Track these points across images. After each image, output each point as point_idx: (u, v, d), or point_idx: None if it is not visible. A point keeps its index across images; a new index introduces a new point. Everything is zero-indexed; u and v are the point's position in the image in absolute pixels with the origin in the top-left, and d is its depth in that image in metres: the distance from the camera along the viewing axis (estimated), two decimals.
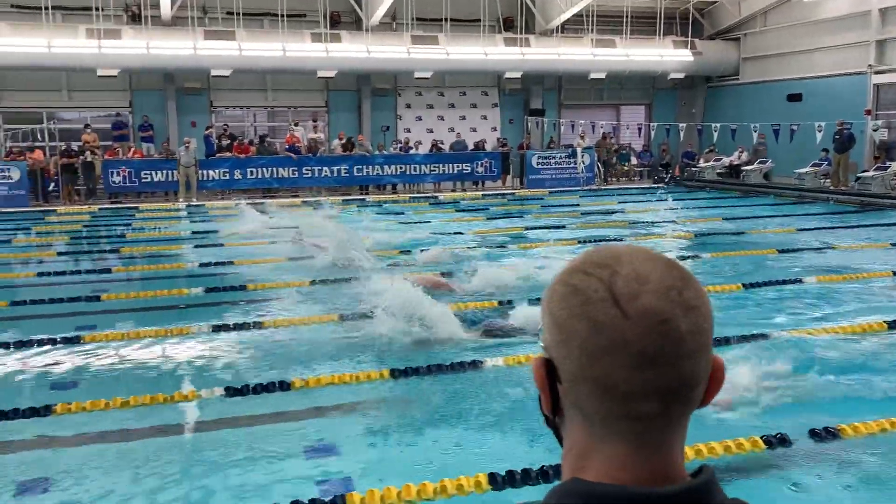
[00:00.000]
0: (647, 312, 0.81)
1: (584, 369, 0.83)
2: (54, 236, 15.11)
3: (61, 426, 5.02)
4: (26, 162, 20.16)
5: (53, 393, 5.67)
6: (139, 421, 5.17)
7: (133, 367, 6.34)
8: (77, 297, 8.83)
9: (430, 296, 7.42)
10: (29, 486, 4.33)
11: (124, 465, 4.56)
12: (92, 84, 22.67)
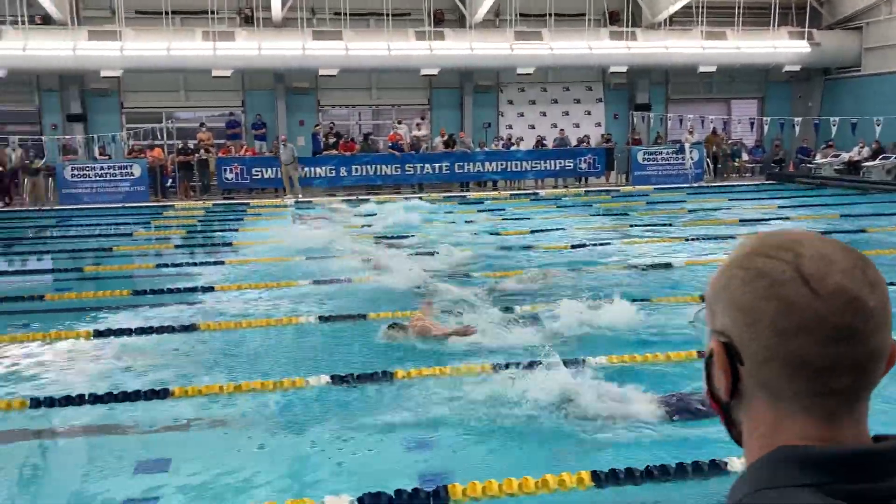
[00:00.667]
0: (838, 291, 0.84)
1: (775, 348, 0.85)
2: (171, 230, 15.85)
3: (179, 408, 5.23)
4: (146, 159, 21.25)
5: (173, 377, 5.90)
6: (242, 403, 5.32)
7: (245, 352, 6.54)
8: (194, 287, 9.20)
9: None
10: (148, 466, 4.51)
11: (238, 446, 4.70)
12: (207, 85, 23.68)
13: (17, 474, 4.41)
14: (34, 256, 12.84)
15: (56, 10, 21.73)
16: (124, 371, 6.06)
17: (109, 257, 11.79)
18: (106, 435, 4.99)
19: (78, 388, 5.45)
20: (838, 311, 0.84)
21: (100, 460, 4.64)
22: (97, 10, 23.32)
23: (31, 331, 7.31)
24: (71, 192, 20.24)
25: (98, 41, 21.45)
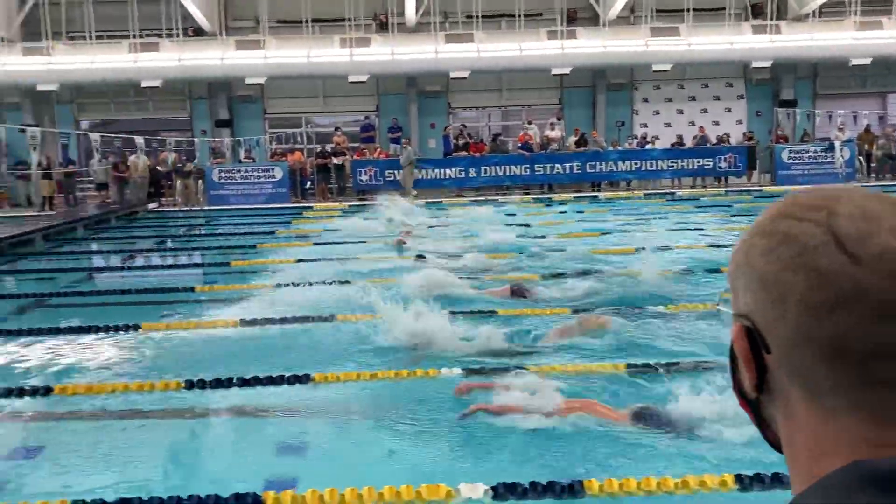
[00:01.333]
0: (885, 254, 0.66)
1: (807, 330, 0.68)
2: (310, 229, 16.42)
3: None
4: (287, 162, 22.20)
5: (313, 363, 6.08)
6: (378, 390, 5.41)
7: (379, 341, 6.65)
8: (332, 281, 9.47)
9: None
10: (288, 448, 4.67)
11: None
12: (343, 90, 24.49)
13: (172, 450, 4.66)
14: (186, 252, 13.66)
15: (207, 22, 23.12)
16: (268, 357, 6.32)
17: (254, 253, 12.38)
18: (251, 417, 5.19)
19: (226, 372, 5.71)
20: (885, 281, 0.66)
21: (244, 440, 4.84)
22: (243, 21, 24.62)
23: (183, 319, 7.76)
24: (219, 194, 21.42)
25: (244, 50, 22.65)
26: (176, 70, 22.63)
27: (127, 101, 25.16)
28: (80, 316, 7.94)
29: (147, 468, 4.30)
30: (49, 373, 5.99)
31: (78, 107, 25.04)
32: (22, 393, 5.40)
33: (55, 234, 15.39)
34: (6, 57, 22.39)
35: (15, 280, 10.88)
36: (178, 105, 25.43)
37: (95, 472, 4.25)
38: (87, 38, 23.28)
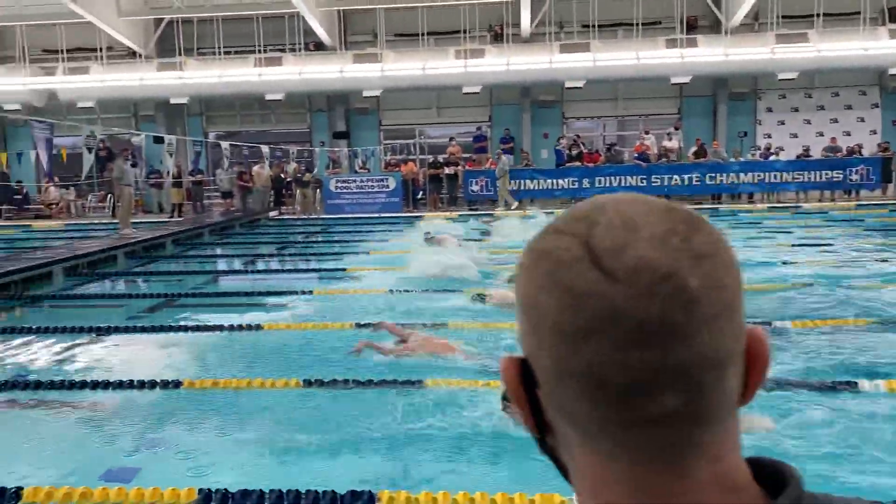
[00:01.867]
0: (640, 268, 0.56)
1: (564, 361, 0.58)
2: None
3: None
4: (401, 172, 22.56)
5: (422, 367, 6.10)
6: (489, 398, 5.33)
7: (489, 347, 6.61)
8: (444, 290, 9.52)
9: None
10: (403, 441, 4.66)
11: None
12: (457, 101, 24.70)
13: (292, 446, 4.73)
14: (305, 257, 14.03)
15: (327, 36, 23.85)
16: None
17: (367, 261, 12.60)
18: (366, 417, 5.23)
19: (342, 373, 5.80)
20: (640, 299, 0.56)
21: (361, 439, 4.86)
22: (362, 35, 25.26)
23: (301, 320, 7.96)
24: (335, 203, 22.00)
25: (362, 63, 23.21)
26: (297, 83, 23.46)
27: (252, 113, 26.28)
28: (206, 315, 8.28)
29: (268, 463, 4.39)
30: (177, 367, 6.25)
31: (207, 119, 26.34)
32: (154, 385, 5.66)
33: (184, 239, 16.21)
34: (143, 72, 23.86)
35: (147, 280, 11.49)
36: (298, 117, 26.35)
37: (220, 463, 4.38)
38: (216, 53, 24.50)
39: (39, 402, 5.61)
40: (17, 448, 4.74)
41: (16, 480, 3.99)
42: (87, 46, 25.15)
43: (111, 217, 21.84)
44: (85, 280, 11.53)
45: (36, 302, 9.86)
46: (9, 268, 10.72)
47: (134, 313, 8.80)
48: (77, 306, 10.01)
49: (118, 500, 3.81)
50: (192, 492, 3.81)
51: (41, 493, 3.87)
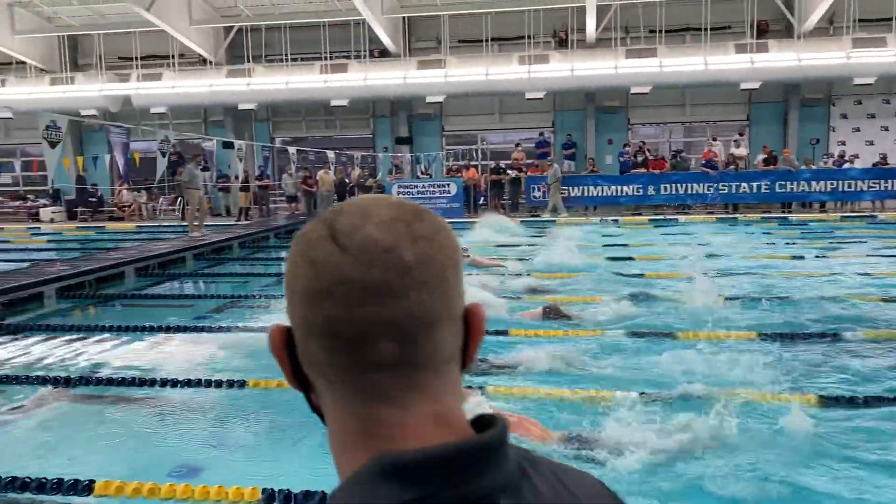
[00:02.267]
0: (367, 243, 0.72)
1: (310, 320, 0.74)
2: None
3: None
4: (462, 178, 22.57)
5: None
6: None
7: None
8: (513, 295, 9.46)
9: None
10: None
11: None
12: (520, 107, 24.64)
13: None
14: None
15: (392, 43, 24.06)
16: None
17: None
18: None
19: None
20: (364, 266, 0.71)
21: None
22: (426, 42, 25.40)
23: None
24: None
25: (425, 69, 23.34)
26: (361, 89, 23.74)
27: (317, 119, 26.68)
28: (270, 316, 8.41)
29: (332, 465, 4.40)
30: (241, 367, 6.34)
31: (273, 125, 26.84)
32: (220, 384, 5.75)
33: (250, 242, 16.54)
34: (213, 78, 24.47)
35: (214, 282, 11.74)
36: (362, 123, 26.63)
37: (284, 463, 4.41)
38: (283, 60, 24.97)
39: (111, 398, 5.77)
40: (90, 442, 4.87)
41: (89, 474, 4.10)
42: (160, 54, 25.94)
43: (180, 220, 22.44)
44: (155, 280, 11.86)
45: (109, 301, 10.16)
46: (84, 267, 11.11)
47: (201, 313, 9.00)
48: (147, 305, 10.28)
49: (185, 496, 3.88)
50: (256, 491, 3.85)
51: (112, 487, 3.96)
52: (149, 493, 3.90)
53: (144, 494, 3.90)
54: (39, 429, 5.12)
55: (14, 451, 4.77)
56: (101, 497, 3.92)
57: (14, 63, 25.88)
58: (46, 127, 10.21)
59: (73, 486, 4.01)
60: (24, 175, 28.23)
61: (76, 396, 5.84)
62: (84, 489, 3.98)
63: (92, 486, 3.99)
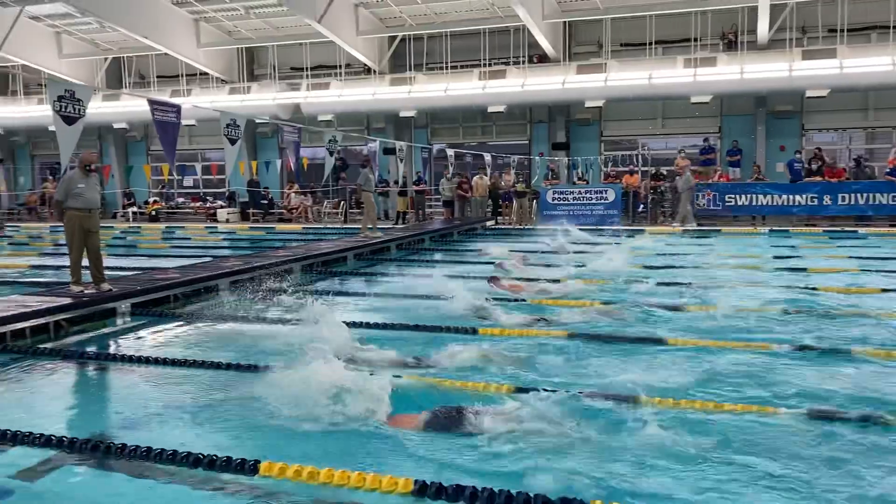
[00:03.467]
0: None
1: None
2: (640, 251, 15.98)
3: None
4: (621, 184, 22.01)
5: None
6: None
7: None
8: (668, 304, 9.07)
9: None
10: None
11: None
12: (683, 111, 23.74)
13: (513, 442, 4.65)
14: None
15: (552, 48, 23.90)
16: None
17: (584, 273, 12.38)
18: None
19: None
20: None
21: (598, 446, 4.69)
22: (587, 46, 25.04)
23: (515, 327, 7.93)
24: (550, 214, 21.92)
25: (585, 74, 22.99)
26: (519, 95, 23.74)
27: (474, 125, 26.96)
28: (428, 315, 8.54)
29: (483, 460, 4.34)
30: (407, 362, 6.43)
31: (432, 131, 27.39)
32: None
33: (406, 244, 16.92)
34: (376, 87, 25.32)
35: (372, 280, 12.04)
36: (518, 129, 26.62)
37: (439, 458, 4.40)
38: (443, 68, 25.43)
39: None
40: (255, 425, 5.08)
41: (252, 454, 4.28)
42: (328, 64, 27.17)
43: (342, 222, 23.34)
44: (319, 277, 12.38)
45: (276, 293, 10.64)
46: (255, 263, 11.79)
47: (365, 308, 9.28)
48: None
49: (341, 481, 3.94)
50: (409, 482, 3.85)
51: (275, 469, 4.10)
52: (308, 477, 4.00)
53: (304, 478, 4.00)
54: (210, 409, 5.39)
55: (193, 430, 5.04)
56: (265, 477, 4.06)
57: (198, 74, 27.99)
58: (227, 125, 10.86)
59: (240, 465, 4.18)
60: (205, 178, 30.46)
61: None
62: (250, 469, 4.14)
63: (257, 466, 4.15)
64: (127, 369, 6.59)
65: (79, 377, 6.65)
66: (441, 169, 24.57)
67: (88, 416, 5.49)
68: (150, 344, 7.66)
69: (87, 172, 8.87)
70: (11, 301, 8.44)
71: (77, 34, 27.52)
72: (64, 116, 7.46)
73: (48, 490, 4.12)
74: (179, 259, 14.01)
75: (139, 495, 4.02)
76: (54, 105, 7.32)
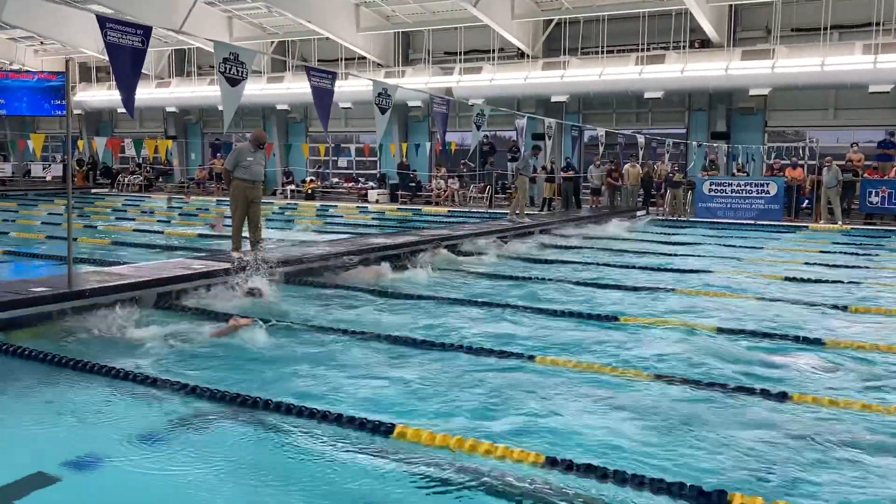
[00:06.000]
0: None
1: None
2: (802, 247, 14.97)
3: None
4: (784, 178, 20.69)
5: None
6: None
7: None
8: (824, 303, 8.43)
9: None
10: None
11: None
12: (860, 102, 21.95)
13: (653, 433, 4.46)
14: (658, 255, 13.47)
15: (715, 33, 22.76)
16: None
17: (741, 268, 11.75)
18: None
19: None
20: None
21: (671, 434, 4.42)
22: (754, 31, 23.65)
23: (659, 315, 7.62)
24: (707, 206, 20.97)
25: (750, 60, 21.73)
26: (677, 81, 22.78)
27: (628, 112, 26.16)
28: (567, 299, 8.39)
29: (622, 446, 4.17)
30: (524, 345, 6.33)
31: (583, 117, 26.83)
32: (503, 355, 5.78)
33: (550, 231, 16.73)
34: (529, 71, 25.11)
35: (507, 264, 11.97)
36: (675, 117, 25.57)
37: (575, 438, 4.28)
38: (598, 52, 24.83)
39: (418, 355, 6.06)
40: (389, 390, 5.15)
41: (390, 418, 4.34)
42: (481, 48, 27.22)
43: (487, 206, 23.39)
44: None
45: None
46: (400, 241, 12.08)
47: (498, 293, 9.25)
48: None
49: (471, 449, 3.90)
50: (540, 456, 3.75)
51: (408, 432, 4.12)
52: (440, 442, 3.98)
53: (436, 443, 3.99)
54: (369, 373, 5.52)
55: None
56: (397, 439, 4.09)
57: (356, 59, 28.85)
58: (378, 94, 10.97)
59: (376, 426, 4.24)
60: (358, 160, 31.45)
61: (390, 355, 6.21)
62: (386, 431, 4.19)
63: (393, 429, 4.19)
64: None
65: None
66: (592, 156, 24.05)
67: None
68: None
69: (257, 148, 9.36)
70: (178, 263, 9.04)
71: (246, 18, 29.05)
72: (228, 78, 7.85)
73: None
74: (331, 235, 14.54)
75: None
76: (219, 66, 7.72)
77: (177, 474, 3.66)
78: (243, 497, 3.47)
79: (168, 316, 7.22)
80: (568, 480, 3.56)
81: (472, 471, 3.65)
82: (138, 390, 4.95)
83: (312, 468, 3.77)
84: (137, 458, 3.84)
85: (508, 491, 3.47)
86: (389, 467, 3.75)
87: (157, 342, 6.12)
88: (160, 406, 4.67)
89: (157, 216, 20.31)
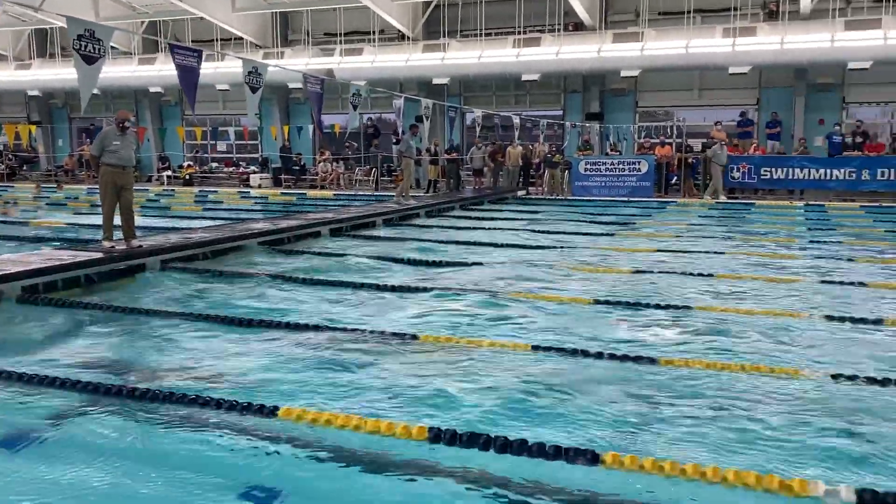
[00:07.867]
0: None
1: None
2: (669, 221, 15.84)
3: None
4: (654, 156, 21.75)
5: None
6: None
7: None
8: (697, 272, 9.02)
9: None
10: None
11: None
12: (721, 83, 23.33)
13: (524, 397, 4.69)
14: (550, 234, 13.96)
15: (587, 16, 23.55)
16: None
17: (613, 243, 12.32)
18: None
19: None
20: None
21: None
22: (624, 15, 24.66)
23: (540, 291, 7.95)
24: (583, 185, 21.78)
25: (621, 43, 22.65)
26: (553, 64, 23.47)
27: (507, 94, 26.73)
28: (455, 275, 8.59)
29: (498, 412, 4.38)
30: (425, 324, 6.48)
31: (464, 100, 27.21)
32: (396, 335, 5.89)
33: (436, 212, 16.94)
34: (410, 53, 25.19)
35: (400, 245, 12.09)
36: (552, 99, 26.36)
37: (454, 407, 4.45)
38: (477, 35, 25.20)
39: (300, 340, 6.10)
40: (276, 371, 5.18)
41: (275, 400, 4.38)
42: (362, 30, 27.08)
43: (373, 189, 23.40)
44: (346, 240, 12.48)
45: (301, 254, 10.76)
46: (283, 225, 11.94)
47: (394, 272, 9.36)
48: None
49: (358, 427, 4.01)
50: (423, 430, 3.90)
51: (293, 414, 4.18)
52: (325, 423, 4.07)
53: (321, 423, 4.07)
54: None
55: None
56: (283, 420, 4.15)
57: (233, 39, 28.07)
58: (248, 73, 10.78)
59: (259, 409, 4.27)
60: (238, 144, 30.70)
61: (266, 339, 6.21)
62: (270, 413, 4.23)
63: (276, 411, 4.23)
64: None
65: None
66: (473, 138, 24.45)
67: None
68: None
69: (123, 130, 9.00)
70: (44, 254, 8.64)
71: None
72: (84, 56, 7.55)
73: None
74: (211, 221, 14.20)
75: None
76: (73, 44, 7.42)
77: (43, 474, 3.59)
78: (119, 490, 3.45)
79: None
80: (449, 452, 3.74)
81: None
82: None
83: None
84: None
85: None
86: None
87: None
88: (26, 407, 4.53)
89: (22, 206, 19.21)
